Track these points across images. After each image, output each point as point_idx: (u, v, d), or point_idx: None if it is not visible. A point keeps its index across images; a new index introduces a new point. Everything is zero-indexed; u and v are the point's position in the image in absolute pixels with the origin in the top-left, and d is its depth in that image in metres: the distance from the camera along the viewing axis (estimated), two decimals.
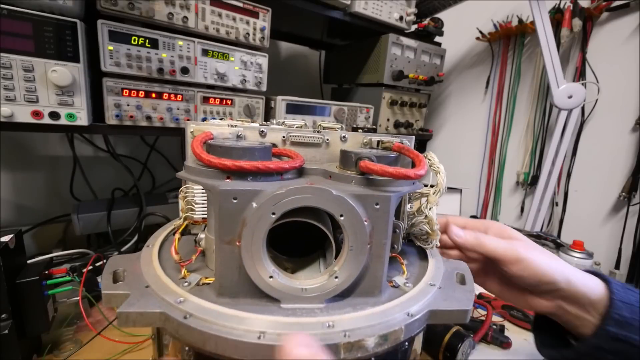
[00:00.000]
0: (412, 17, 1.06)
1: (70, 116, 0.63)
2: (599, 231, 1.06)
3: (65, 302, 0.63)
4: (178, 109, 0.76)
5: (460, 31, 1.31)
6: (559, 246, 0.89)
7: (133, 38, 0.67)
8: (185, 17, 0.71)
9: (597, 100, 1.04)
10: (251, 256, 0.24)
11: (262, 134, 0.33)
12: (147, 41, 0.69)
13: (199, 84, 0.78)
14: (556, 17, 1.05)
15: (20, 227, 0.69)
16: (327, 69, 1.39)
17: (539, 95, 1.18)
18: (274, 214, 0.24)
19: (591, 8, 1.01)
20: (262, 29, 0.83)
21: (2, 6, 0.54)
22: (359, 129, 1.04)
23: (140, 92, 0.70)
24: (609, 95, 1.02)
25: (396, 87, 1.12)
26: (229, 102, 0.83)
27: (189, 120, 0.77)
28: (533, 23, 0.97)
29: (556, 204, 1.15)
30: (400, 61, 1.08)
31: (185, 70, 0.73)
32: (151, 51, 0.69)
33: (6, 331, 0.46)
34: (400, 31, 1.07)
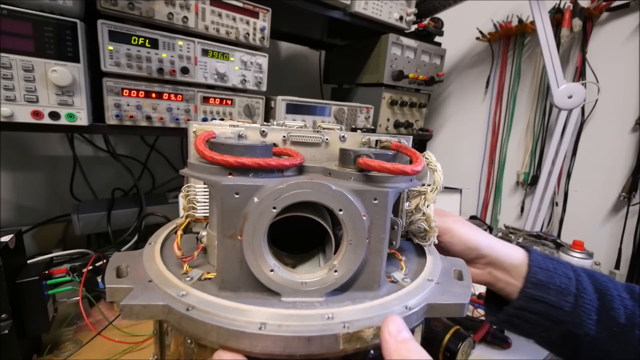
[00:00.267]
0: (412, 17, 1.07)
1: (70, 116, 0.63)
2: (599, 231, 1.06)
3: (65, 302, 0.63)
4: (178, 109, 0.76)
5: (460, 31, 1.31)
6: (558, 246, 0.89)
7: (133, 38, 0.67)
8: (185, 17, 0.71)
9: (597, 100, 1.04)
10: (252, 250, 0.25)
11: (262, 133, 0.33)
12: (147, 41, 0.69)
13: (199, 84, 0.78)
14: (556, 17, 1.05)
15: (20, 227, 0.69)
16: (327, 69, 1.39)
17: (539, 95, 1.18)
18: (274, 208, 0.24)
19: (591, 8, 1.01)
20: (262, 29, 0.83)
21: (2, 6, 0.54)
22: (357, 129, 1.05)
23: (140, 92, 0.71)
24: (609, 95, 1.03)
25: (396, 87, 1.12)
26: (229, 102, 0.83)
27: (189, 120, 0.77)
28: (533, 23, 0.97)
29: (556, 204, 1.15)
30: (400, 61, 1.08)
31: (185, 70, 0.74)
32: (151, 51, 0.69)
33: (6, 331, 0.46)
34: (400, 31, 1.07)
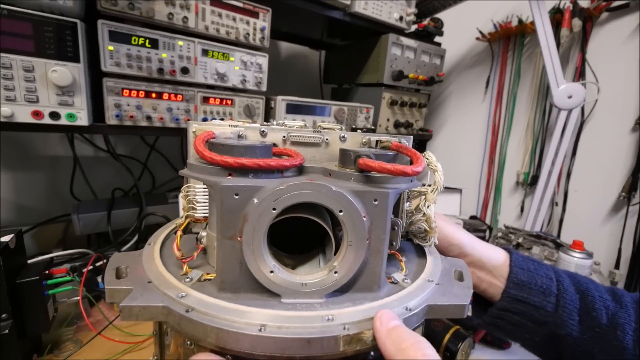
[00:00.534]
0: (412, 17, 1.07)
1: (71, 116, 0.63)
2: (598, 231, 1.06)
3: (65, 302, 0.63)
4: (178, 109, 0.76)
5: (460, 31, 1.31)
6: (558, 246, 0.89)
7: (133, 38, 0.67)
8: (185, 17, 0.71)
9: (597, 100, 1.04)
10: (252, 251, 0.25)
11: (262, 133, 0.33)
12: (147, 41, 0.69)
13: (199, 84, 0.78)
14: (556, 17, 1.05)
15: (21, 227, 0.69)
16: (327, 69, 1.39)
17: (539, 95, 1.18)
18: (274, 209, 0.24)
19: (591, 8, 1.02)
20: (262, 29, 0.83)
21: (2, 6, 0.54)
22: (357, 129, 1.04)
23: (141, 92, 0.71)
24: (609, 95, 1.03)
25: (396, 87, 1.12)
26: (229, 102, 0.83)
27: (189, 120, 0.77)
28: (533, 23, 0.97)
29: (556, 204, 1.15)
30: (400, 61, 1.08)
31: (185, 70, 0.74)
32: (151, 51, 0.69)
33: (6, 331, 0.46)
34: (400, 31, 1.07)
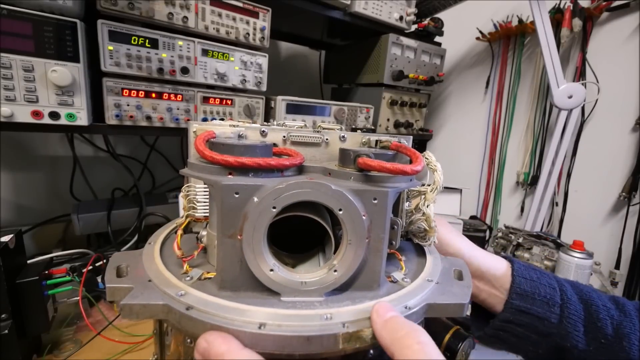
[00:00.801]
0: (412, 17, 1.07)
1: (70, 116, 0.63)
2: (599, 231, 1.06)
3: (65, 302, 0.63)
4: (178, 109, 0.76)
5: (460, 31, 1.31)
6: (559, 246, 0.89)
7: (133, 38, 0.67)
8: (185, 17, 0.71)
9: (597, 100, 1.04)
10: (252, 250, 0.25)
11: (263, 133, 0.33)
12: (147, 41, 0.69)
13: (199, 84, 0.78)
14: (556, 17, 1.05)
15: (20, 227, 0.69)
16: (327, 69, 1.39)
17: (539, 95, 1.18)
18: (274, 207, 0.24)
19: (591, 8, 1.02)
20: (262, 29, 0.83)
21: (2, 6, 0.54)
22: (357, 130, 1.04)
23: (140, 92, 0.71)
24: (609, 95, 1.03)
25: (396, 87, 1.12)
26: (229, 102, 0.83)
27: (189, 120, 0.77)
28: (533, 23, 0.97)
29: (556, 204, 1.15)
30: (400, 61, 1.08)
31: (185, 70, 0.74)
32: (151, 51, 0.69)
33: (6, 331, 0.46)
34: (400, 31, 1.07)
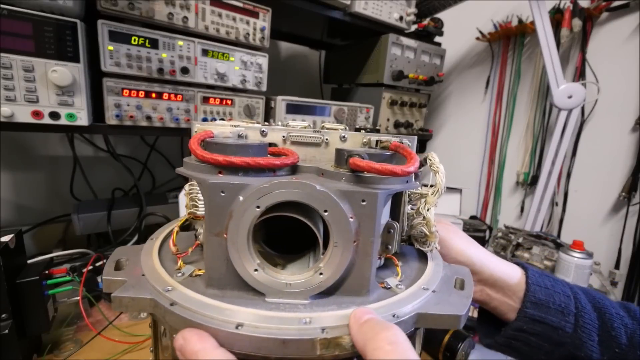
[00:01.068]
0: (412, 17, 1.07)
1: (71, 116, 0.63)
2: (599, 231, 1.06)
3: (65, 302, 0.63)
4: (178, 109, 0.76)
5: (460, 31, 1.31)
6: (558, 246, 0.89)
7: (133, 38, 0.67)
8: (185, 17, 0.71)
9: (597, 100, 1.04)
10: (237, 249, 0.25)
11: (262, 133, 0.33)
12: (147, 41, 0.69)
13: (199, 84, 0.78)
14: (556, 17, 1.05)
15: (21, 227, 0.69)
16: (327, 69, 1.39)
17: (539, 95, 1.18)
18: (258, 207, 0.24)
19: (591, 8, 1.02)
20: (262, 29, 0.83)
21: (2, 6, 0.54)
22: (361, 130, 1.04)
23: (140, 92, 0.71)
24: (609, 95, 1.03)
25: (396, 87, 1.12)
26: (229, 102, 0.83)
27: (189, 120, 0.77)
28: (533, 23, 0.97)
29: (556, 204, 1.15)
30: (400, 61, 1.08)
31: (185, 70, 0.74)
32: (151, 51, 0.69)
33: (6, 331, 0.46)
34: (400, 31, 1.07)
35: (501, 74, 1.28)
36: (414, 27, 1.15)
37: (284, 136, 0.33)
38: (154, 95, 0.72)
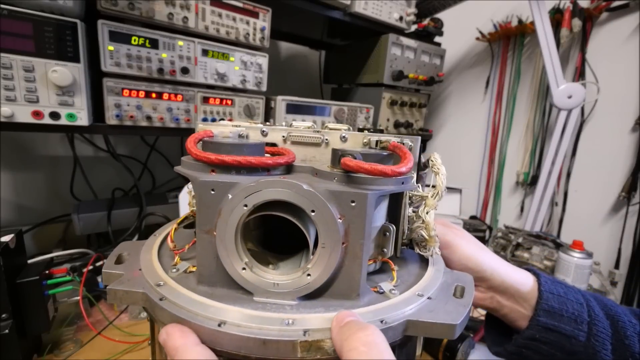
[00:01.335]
0: (412, 17, 1.07)
1: (71, 116, 0.63)
2: (598, 231, 1.06)
3: (65, 301, 0.63)
4: (178, 109, 0.76)
5: (460, 31, 1.31)
6: (558, 246, 0.89)
7: (133, 38, 0.67)
8: (186, 17, 0.71)
9: (596, 100, 1.05)
10: (225, 246, 0.25)
11: (263, 133, 0.33)
12: (147, 41, 0.69)
13: (199, 84, 0.78)
14: (556, 17, 1.05)
15: (21, 227, 0.69)
16: (327, 69, 1.39)
17: (538, 95, 1.18)
18: (246, 205, 0.24)
19: (591, 8, 1.02)
20: (262, 29, 0.83)
21: (2, 6, 0.54)
22: (364, 130, 1.04)
23: (141, 92, 0.71)
24: (608, 95, 1.03)
25: (396, 87, 1.12)
26: (229, 102, 0.83)
27: (189, 120, 0.77)
28: (533, 23, 0.97)
29: (556, 204, 1.15)
30: (400, 61, 1.08)
31: (185, 70, 0.74)
32: (151, 51, 0.69)
33: (6, 331, 0.46)
34: (400, 31, 1.07)
35: (501, 74, 1.29)
36: (414, 27, 1.15)
37: (284, 136, 0.33)
38: (154, 95, 0.72)
